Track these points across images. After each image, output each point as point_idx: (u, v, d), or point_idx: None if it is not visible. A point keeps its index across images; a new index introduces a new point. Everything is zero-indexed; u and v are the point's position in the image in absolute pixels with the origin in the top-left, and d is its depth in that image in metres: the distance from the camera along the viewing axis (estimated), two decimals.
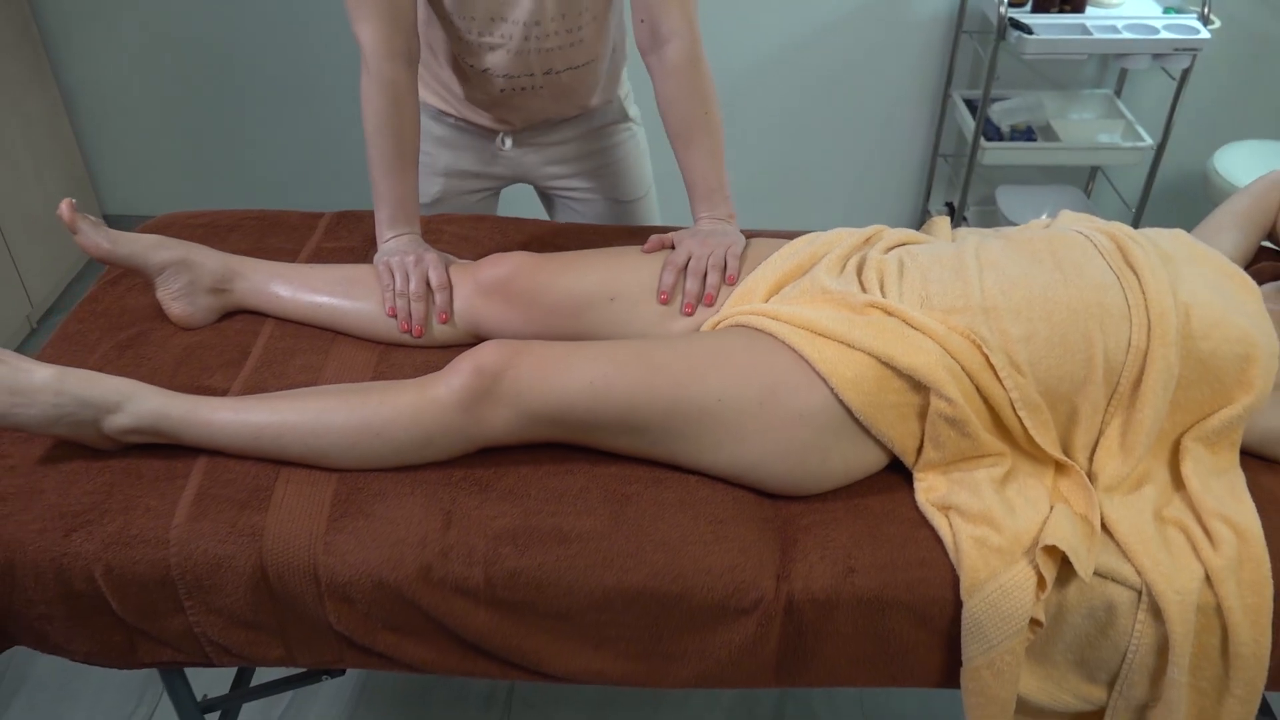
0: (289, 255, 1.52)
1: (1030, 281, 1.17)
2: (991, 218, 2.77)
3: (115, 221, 2.88)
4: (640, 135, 1.69)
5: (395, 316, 1.33)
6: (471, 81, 1.50)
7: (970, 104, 2.58)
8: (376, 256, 1.37)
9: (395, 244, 1.37)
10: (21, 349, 2.53)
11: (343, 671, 1.34)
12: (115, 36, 2.64)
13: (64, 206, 1.28)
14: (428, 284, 1.33)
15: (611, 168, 1.66)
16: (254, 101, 2.74)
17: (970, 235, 1.33)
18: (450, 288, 1.34)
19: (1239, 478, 1.17)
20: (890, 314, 1.18)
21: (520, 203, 1.80)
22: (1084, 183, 2.84)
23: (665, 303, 1.29)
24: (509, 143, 1.60)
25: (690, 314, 1.29)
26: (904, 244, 1.33)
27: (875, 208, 2.90)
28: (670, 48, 1.39)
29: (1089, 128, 2.52)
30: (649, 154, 1.71)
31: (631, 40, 1.48)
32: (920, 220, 2.91)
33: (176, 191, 2.89)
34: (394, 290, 1.32)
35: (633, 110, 1.67)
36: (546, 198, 1.73)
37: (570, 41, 1.43)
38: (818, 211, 2.89)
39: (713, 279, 1.30)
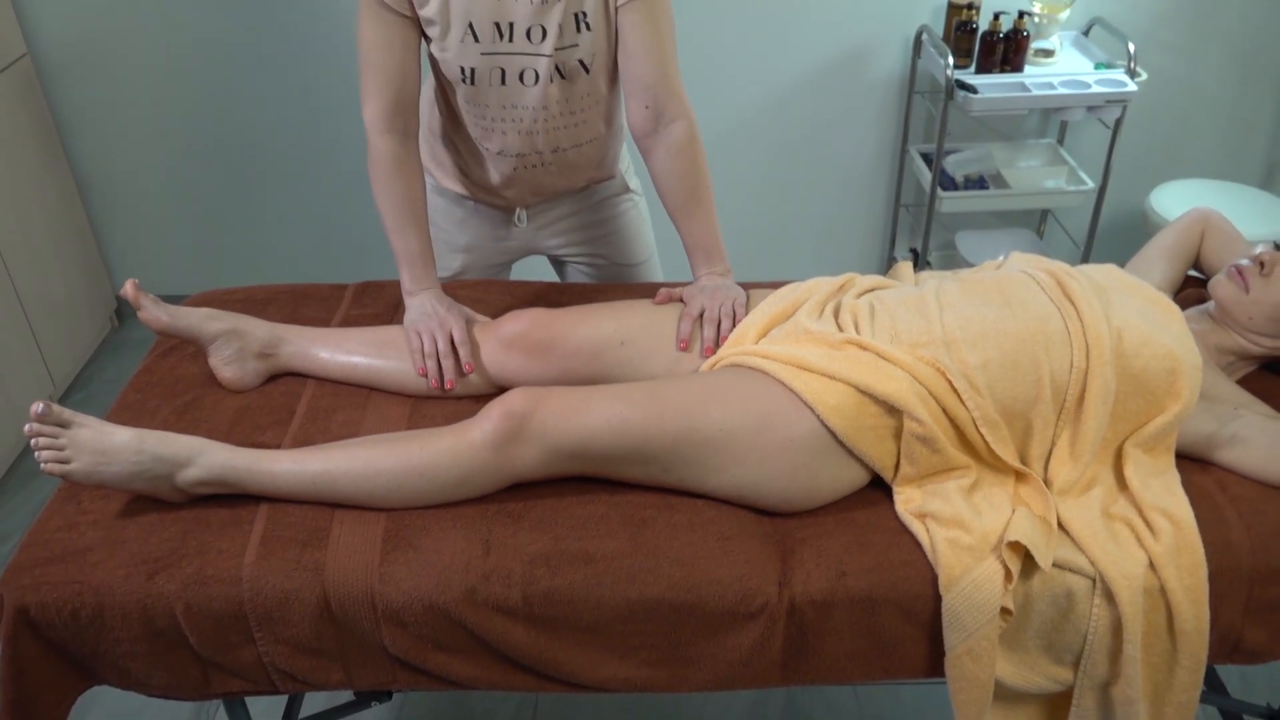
0: (322, 323, 1.68)
1: (983, 316, 1.35)
2: (953, 260, 2.98)
3: (128, 303, 3.04)
4: (642, 205, 1.86)
5: (426, 376, 1.48)
6: (486, 164, 1.67)
7: (926, 157, 2.79)
8: (405, 320, 1.53)
9: (418, 305, 1.52)
10: None
11: (390, 696, 1.47)
12: (126, 126, 2.80)
13: (128, 286, 1.44)
14: (452, 342, 1.48)
15: (617, 235, 1.83)
16: (259, 187, 2.91)
17: (930, 279, 1.51)
18: (471, 342, 1.50)
19: (1174, 477, 1.34)
20: (865, 349, 1.35)
21: (530, 266, 1.96)
22: (1036, 224, 3.06)
23: (685, 349, 1.46)
24: (524, 219, 1.76)
25: (710, 355, 1.46)
26: (874, 289, 1.51)
27: (845, 255, 3.10)
28: (674, 129, 1.57)
29: (1036, 174, 2.74)
30: (650, 221, 1.88)
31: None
32: (887, 265, 3.11)
33: (185, 272, 3.04)
34: (422, 352, 1.47)
35: (633, 182, 1.84)
36: (558, 263, 1.89)
37: (575, 123, 1.61)
38: (792, 259, 3.09)
39: (725, 326, 1.47)
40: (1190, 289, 1.71)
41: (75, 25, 2.65)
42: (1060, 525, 1.30)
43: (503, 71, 1.51)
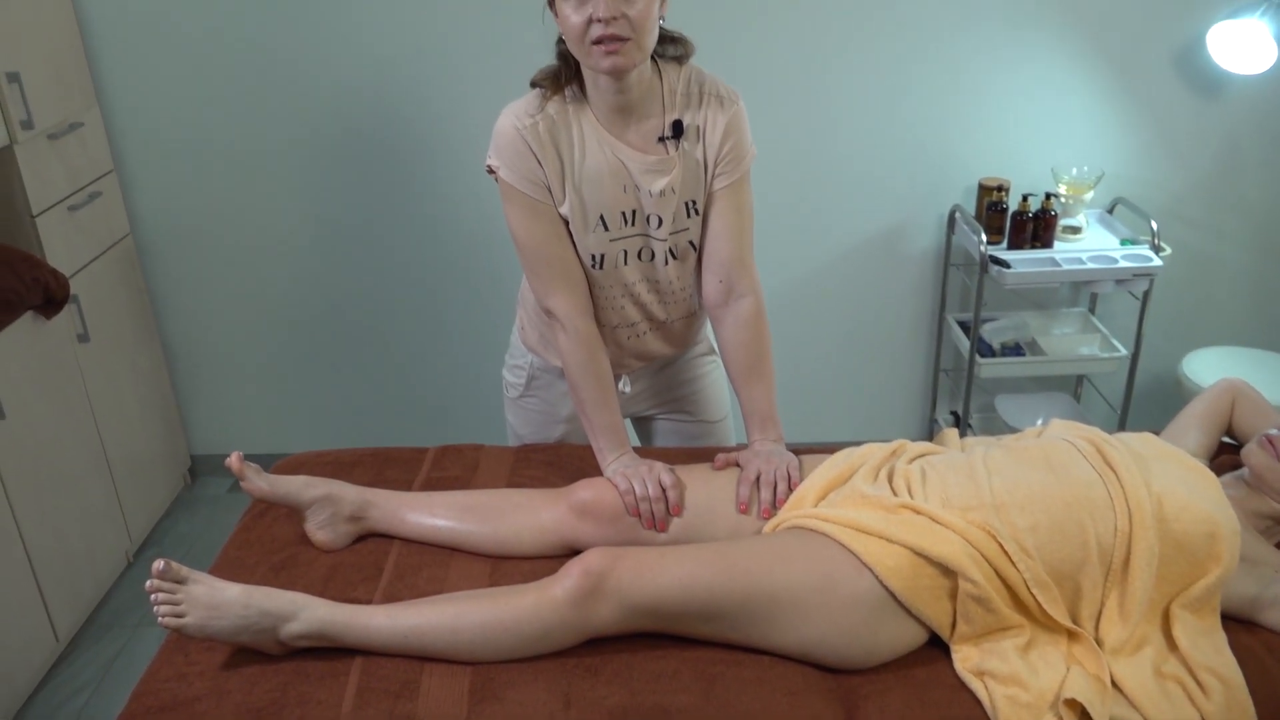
0: (405, 485, 1.80)
1: (1030, 482, 1.45)
2: (993, 422, 3.08)
3: (201, 461, 3.19)
4: (721, 365, 1.98)
5: (639, 517, 1.58)
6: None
7: (963, 325, 2.93)
8: (608, 472, 1.64)
9: (621, 463, 1.64)
10: (120, 583, 2.76)
11: None
12: (212, 297, 3.02)
13: (234, 458, 1.58)
14: (662, 488, 1.59)
15: (700, 394, 1.96)
16: (335, 353, 3.09)
17: (977, 446, 1.62)
18: (681, 485, 1.60)
19: (1221, 637, 1.41)
20: (919, 513, 1.45)
21: None
22: (1072, 388, 3.16)
23: (745, 512, 1.57)
24: (629, 386, 1.89)
25: (767, 518, 1.56)
26: (924, 455, 1.62)
27: (889, 417, 3.21)
28: (743, 303, 1.72)
29: (1070, 341, 2.87)
30: (726, 383, 2.00)
31: None
32: (929, 427, 3.21)
33: (259, 433, 3.20)
34: (635, 496, 1.58)
35: (714, 344, 1.97)
36: (643, 420, 2.01)
37: (683, 296, 1.76)
38: (839, 421, 3.20)
39: (781, 488, 1.58)
40: (1225, 455, 1.80)
41: (172, 208, 2.90)
42: (1114, 684, 1.36)
43: (625, 253, 1.67)
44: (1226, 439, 1.81)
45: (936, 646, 1.44)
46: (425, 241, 2.95)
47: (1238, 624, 1.46)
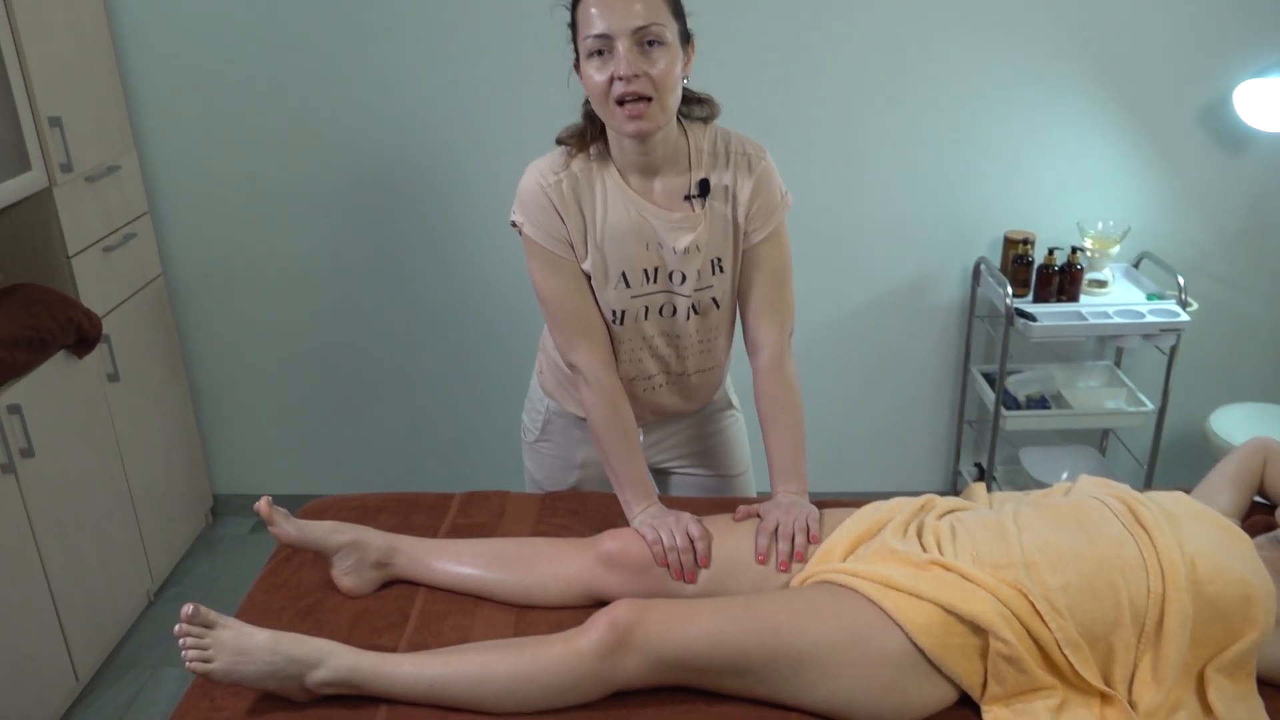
0: (431, 531, 1.80)
1: (1060, 541, 1.44)
2: (1018, 475, 3.05)
3: (223, 501, 3.20)
4: (740, 420, 1.99)
5: (667, 568, 1.57)
6: None
7: (987, 377, 2.93)
8: (635, 523, 1.64)
9: (648, 514, 1.64)
10: (140, 622, 2.77)
11: None
12: (241, 337, 3.05)
13: (262, 503, 1.59)
14: (689, 539, 1.58)
15: (719, 449, 1.96)
16: (359, 395, 3.11)
17: (1006, 502, 1.61)
18: (709, 536, 1.59)
19: (1258, 703, 1.38)
20: (949, 570, 1.44)
21: None
22: (1098, 441, 3.14)
23: (763, 563, 1.56)
24: (643, 437, 1.87)
25: (785, 570, 1.55)
26: (953, 510, 1.61)
27: (913, 468, 3.20)
28: (762, 355, 1.72)
29: (1096, 395, 2.85)
30: (747, 437, 2.00)
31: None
32: (953, 479, 3.19)
33: (282, 474, 3.22)
34: (663, 546, 1.57)
35: (735, 399, 1.98)
36: (662, 474, 2.01)
37: (703, 350, 1.77)
38: (862, 472, 3.19)
39: (799, 540, 1.57)
40: (1257, 515, 1.78)
41: (203, 250, 2.95)
42: None
43: (646, 309, 1.68)
44: (1259, 499, 1.80)
45: (967, 706, 1.42)
46: (450, 287, 2.97)
47: (1274, 689, 1.44)
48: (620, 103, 1.49)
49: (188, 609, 1.39)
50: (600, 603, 1.58)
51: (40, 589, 2.30)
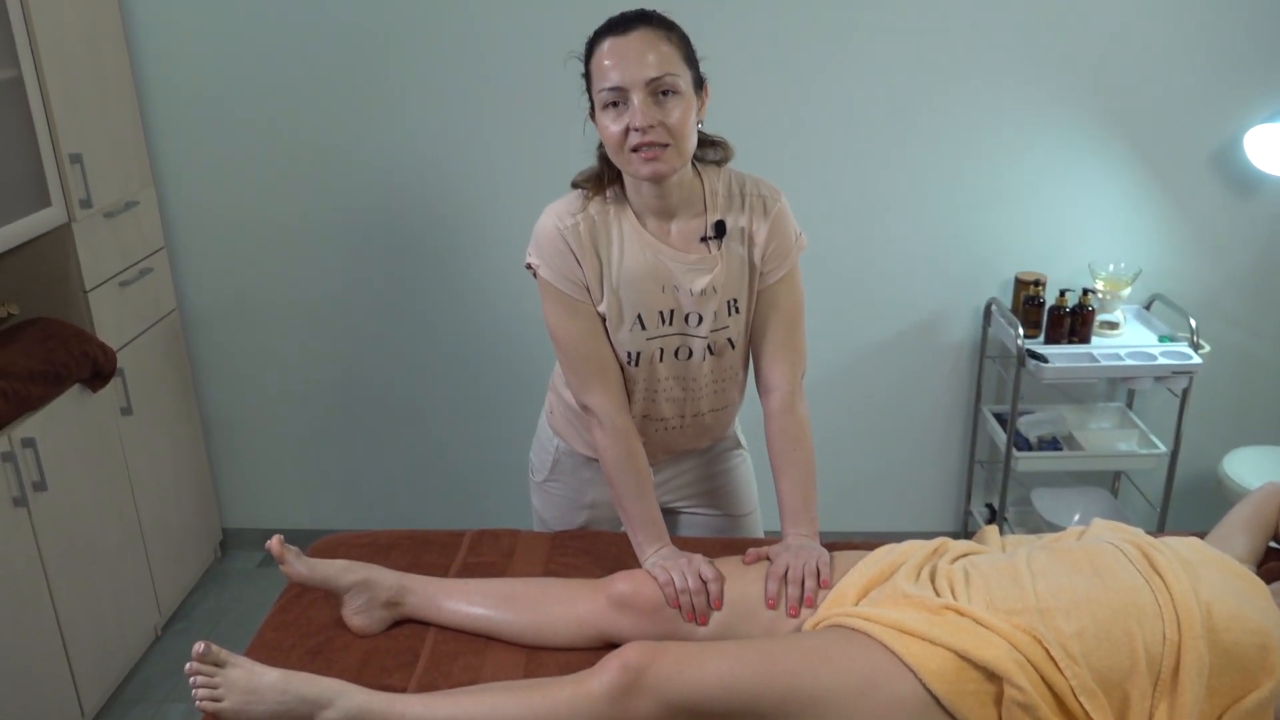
0: (442, 569, 1.80)
1: (1075, 586, 1.43)
2: (1029, 516, 3.04)
3: (232, 535, 3.20)
4: (748, 460, 1.99)
5: (679, 609, 1.56)
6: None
7: (999, 417, 2.92)
8: (647, 564, 1.63)
9: (660, 555, 1.64)
10: (147, 656, 2.76)
11: None
12: (253, 371, 3.07)
13: (274, 542, 1.59)
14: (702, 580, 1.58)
15: (727, 489, 1.95)
16: (370, 430, 3.12)
17: (1020, 546, 1.60)
18: (722, 578, 1.58)
19: None
20: (963, 615, 1.43)
21: None
22: (1110, 483, 3.12)
23: (773, 607, 1.55)
24: (654, 476, 1.87)
25: (795, 616, 1.54)
26: (966, 554, 1.60)
27: (923, 508, 3.18)
28: (774, 396, 1.72)
29: (1107, 437, 2.84)
30: (754, 476, 2.00)
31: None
32: (964, 519, 3.18)
33: (292, 508, 3.22)
34: (675, 588, 1.56)
35: (743, 439, 1.98)
36: (670, 513, 2.00)
37: (716, 390, 1.77)
38: (872, 511, 3.18)
39: (809, 584, 1.56)
40: (1273, 561, 1.77)
41: (218, 285, 2.97)
42: None
43: (661, 350, 1.69)
44: (1274, 544, 1.78)
45: None
46: (461, 325, 2.99)
47: None
48: (635, 149, 1.50)
49: (199, 647, 1.39)
50: (611, 644, 1.57)
51: (49, 622, 2.30)
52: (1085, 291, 2.70)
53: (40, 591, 2.26)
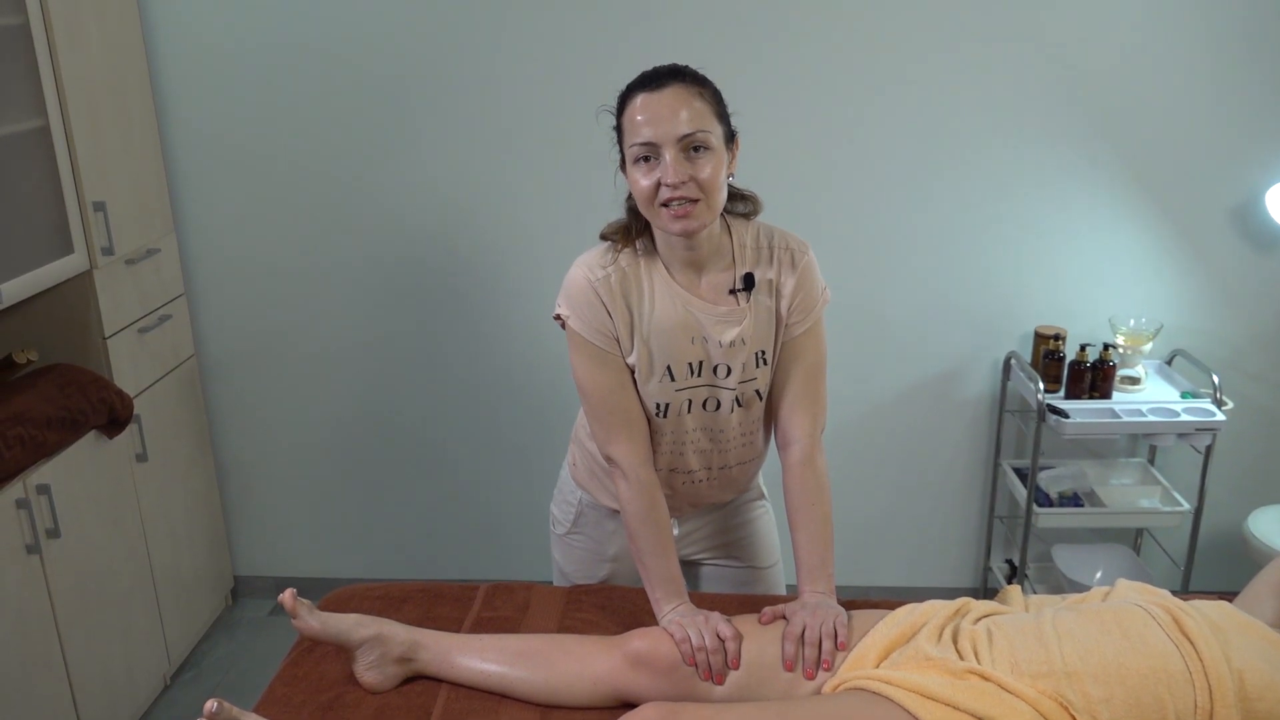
0: (455, 623, 1.78)
1: (1103, 650, 1.40)
2: (1050, 574, 2.99)
3: (244, 582, 3.18)
4: (770, 511, 1.96)
5: (695, 667, 1.53)
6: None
7: (1019, 472, 2.89)
8: (664, 621, 1.61)
9: (677, 612, 1.61)
10: (156, 705, 2.73)
11: None
12: (269, 419, 3.07)
13: (286, 595, 1.57)
14: (719, 639, 1.55)
15: (750, 540, 1.93)
16: (387, 479, 3.11)
17: (1045, 607, 1.57)
18: (740, 637, 1.56)
19: None
20: (987, 679, 1.39)
21: None
22: (1132, 540, 3.08)
23: (790, 669, 1.52)
24: (677, 528, 1.85)
25: (811, 679, 1.51)
26: (990, 614, 1.57)
27: (942, 563, 3.14)
28: (792, 450, 1.71)
29: (1129, 493, 2.80)
30: (777, 528, 1.97)
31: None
32: (984, 575, 3.13)
33: (300, 556, 3.20)
34: (691, 646, 1.53)
35: (765, 490, 1.96)
36: (692, 565, 1.97)
37: (744, 443, 1.76)
38: (891, 565, 3.13)
39: (827, 646, 1.53)
40: None
41: (236, 332, 2.98)
42: None
43: (690, 402, 1.68)
44: None
45: None
46: (480, 375, 2.99)
47: None
48: (666, 204, 1.51)
49: (211, 705, 1.36)
50: (627, 704, 1.54)
51: (58, 670, 2.27)
52: (1106, 346, 2.68)
53: (50, 639, 2.25)
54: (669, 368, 1.64)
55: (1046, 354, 2.72)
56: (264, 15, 2.70)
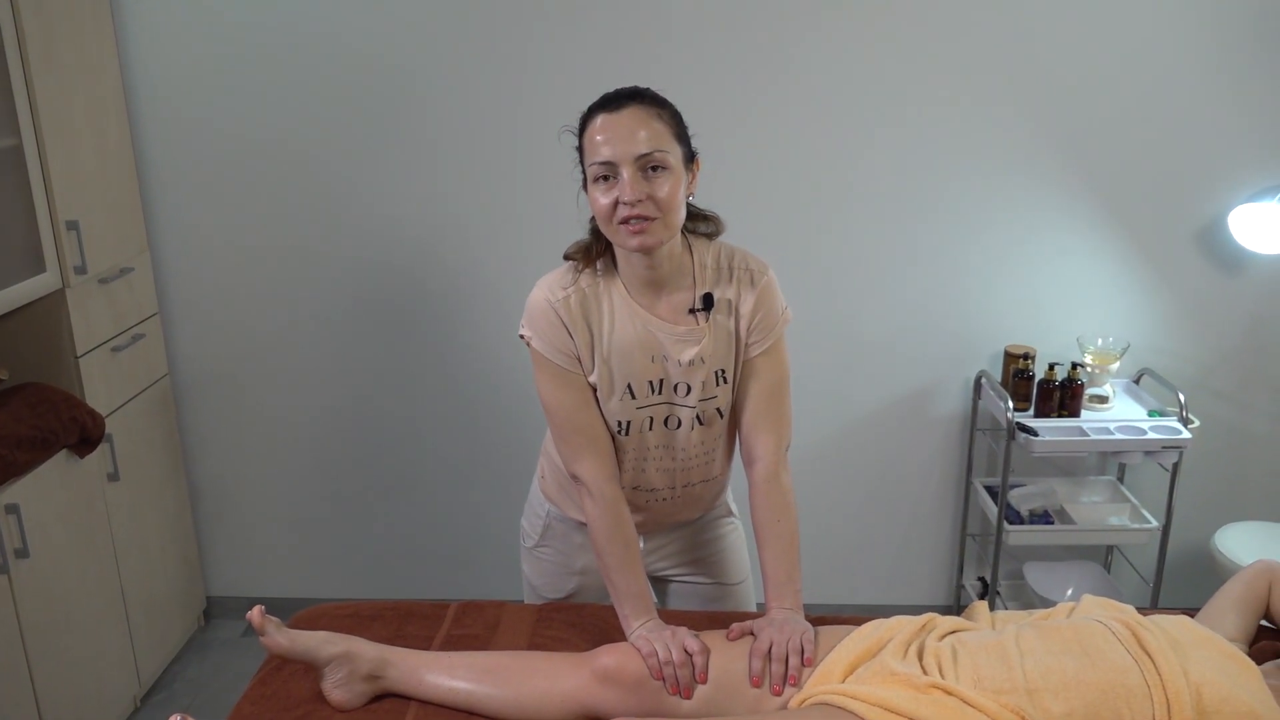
0: (425, 641, 1.78)
1: (1064, 666, 1.42)
2: (1021, 590, 3.01)
3: (216, 603, 3.16)
4: (739, 528, 1.98)
5: (663, 681, 1.54)
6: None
7: (990, 489, 2.91)
8: (632, 637, 1.61)
9: (645, 628, 1.62)
10: None
11: None
12: (241, 439, 3.06)
13: (255, 613, 1.57)
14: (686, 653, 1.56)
15: (718, 557, 1.94)
16: (352, 498, 3.11)
17: (1009, 624, 1.58)
18: (707, 651, 1.57)
19: None
20: (950, 694, 1.41)
21: None
22: (1102, 557, 3.10)
23: (758, 686, 1.53)
24: (643, 544, 1.87)
25: (779, 694, 1.52)
26: (955, 631, 1.59)
27: (914, 580, 3.16)
28: (757, 467, 1.72)
29: (1099, 510, 2.83)
30: (746, 545, 1.98)
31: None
32: (956, 592, 3.15)
33: (273, 576, 3.18)
34: (659, 660, 1.54)
35: (734, 507, 1.98)
36: (661, 582, 1.99)
37: (706, 460, 1.78)
38: (863, 584, 3.15)
39: (793, 662, 1.54)
40: (1264, 640, 1.75)
41: (209, 352, 2.98)
42: None
43: (650, 419, 1.70)
44: (1265, 623, 1.77)
45: None
46: (450, 396, 2.99)
47: None
48: (624, 221, 1.53)
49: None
50: None
51: (25, 693, 2.25)
52: (1074, 365, 2.72)
53: (18, 661, 2.23)
54: (629, 386, 1.66)
55: (1016, 373, 2.75)
56: (239, 38, 2.72)
